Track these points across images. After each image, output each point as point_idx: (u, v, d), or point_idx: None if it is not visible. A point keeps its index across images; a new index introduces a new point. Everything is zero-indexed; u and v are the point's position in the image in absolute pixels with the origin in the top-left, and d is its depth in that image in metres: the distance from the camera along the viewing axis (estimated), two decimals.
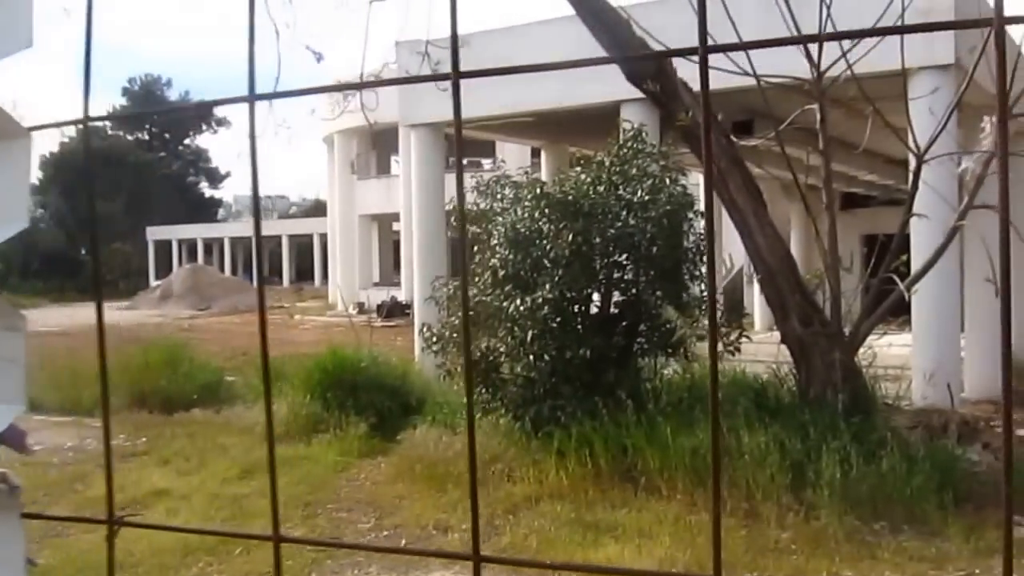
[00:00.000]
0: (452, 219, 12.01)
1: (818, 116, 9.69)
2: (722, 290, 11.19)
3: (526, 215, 11.08)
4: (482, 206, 11.66)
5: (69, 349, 20.41)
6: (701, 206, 11.47)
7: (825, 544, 8.04)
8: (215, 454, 12.09)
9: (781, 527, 8.45)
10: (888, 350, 11.23)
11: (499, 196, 11.63)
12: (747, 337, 10.88)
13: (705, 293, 11.32)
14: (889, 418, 10.19)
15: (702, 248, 11.32)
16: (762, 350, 11.54)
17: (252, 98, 1.16)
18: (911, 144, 9.99)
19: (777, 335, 10.77)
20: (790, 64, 9.69)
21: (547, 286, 10.48)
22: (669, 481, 9.40)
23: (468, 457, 0.97)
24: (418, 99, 17.15)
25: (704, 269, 11.21)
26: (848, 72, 9.23)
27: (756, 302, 24.41)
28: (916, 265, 10.86)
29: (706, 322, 10.86)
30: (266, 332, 1.29)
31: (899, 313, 11.50)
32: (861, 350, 10.37)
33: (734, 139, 10.65)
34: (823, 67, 9.55)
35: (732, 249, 11.96)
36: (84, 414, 15.20)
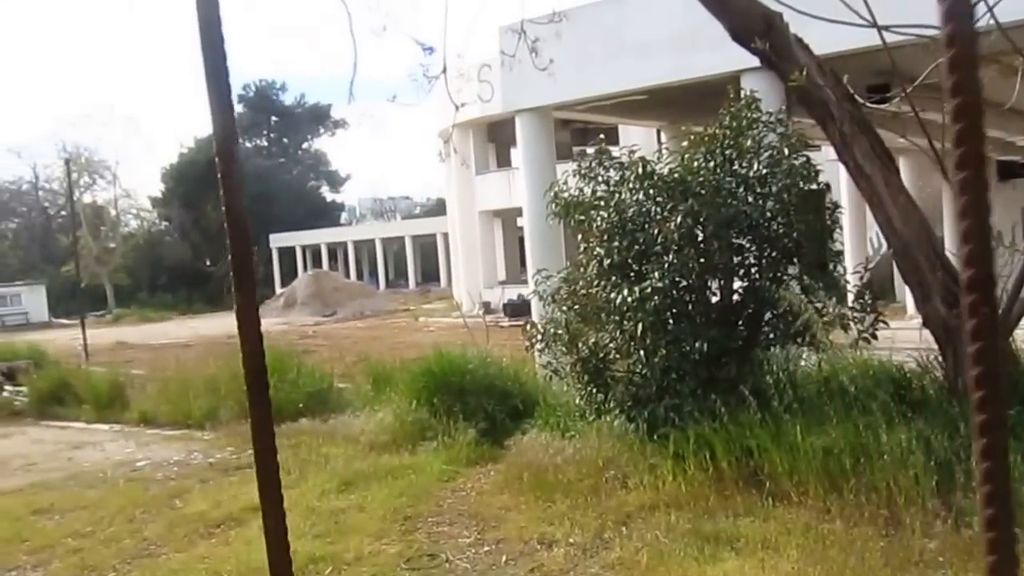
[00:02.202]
0: (549, 206, 11.15)
1: None
2: (863, 274, 10.05)
3: (632, 197, 10.20)
4: (585, 190, 10.81)
5: (187, 361, 20.66)
6: (826, 178, 10.48)
7: (979, 556, 6.83)
8: (317, 466, 11.64)
9: (927, 536, 7.36)
10: None
11: (602, 179, 10.73)
12: (884, 322, 9.79)
13: (840, 274, 10.34)
14: None
15: (829, 225, 10.30)
16: (909, 337, 10.46)
17: None
18: None
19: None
20: (924, 14, 8.63)
21: (657, 274, 9.58)
22: (799, 485, 8.43)
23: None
24: (521, 82, 16.47)
25: (835, 247, 10.22)
26: (990, 20, 8.11)
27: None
28: None
29: (839, 307, 9.88)
30: None
31: None
32: (1019, 332, 9.22)
33: (860, 101, 9.57)
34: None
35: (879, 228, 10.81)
36: (195, 427, 15.29)
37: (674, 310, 9.88)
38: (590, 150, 11.11)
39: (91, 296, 61.10)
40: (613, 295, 9.79)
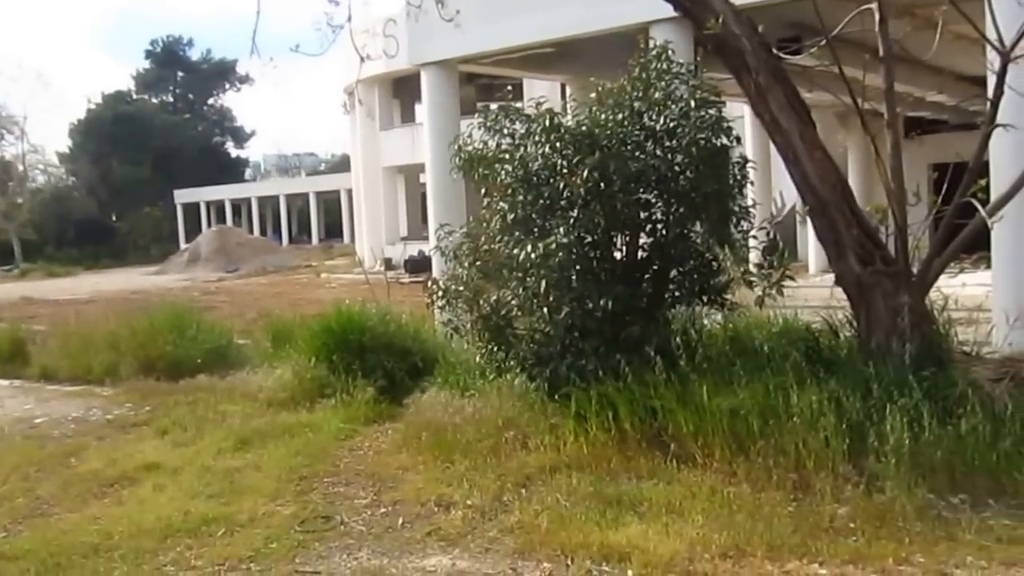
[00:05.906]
0: (453, 160, 10.80)
1: (876, 16, 8.33)
2: (770, 230, 9.76)
3: (538, 151, 9.88)
4: (489, 144, 10.45)
5: (89, 316, 20.29)
6: (739, 131, 10.22)
7: (891, 522, 6.77)
8: (213, 423, 11.46)
9: (837, 501, 7.17)
10: (962, 290, 9.77)
11: (507, 132, 10.37)
12: (791, 278, 9.53)
13: (747, 232, 10.09)
14: (968, 370, 8.68)
15: (740, 180, 10.05)
16: (815, 295, 10.28)
17: None
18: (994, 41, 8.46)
19: (831, 279, 9.45)
20: None
21: (562, 230, 9.28)
22: (704, 448, 8.23)
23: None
24: (427, 35, 16.22)
25: (744, 204, 9.95)
26: None
27: (811, 244, 23.25)
28: (997, 191, 9.43)
29: (752, 266, 9.63)
30: None
31: (975, 248, 10.02)
32: (931, 292, 9.05)
33: (777, 53, 9.31)
34: None
35: (783, 186, 10.57)
36: (95, 383, 14.97)
37: (578, 267, 9.56)
38: (494, 106, 10.75)
39: None
40: (516, 251, 9.48)
